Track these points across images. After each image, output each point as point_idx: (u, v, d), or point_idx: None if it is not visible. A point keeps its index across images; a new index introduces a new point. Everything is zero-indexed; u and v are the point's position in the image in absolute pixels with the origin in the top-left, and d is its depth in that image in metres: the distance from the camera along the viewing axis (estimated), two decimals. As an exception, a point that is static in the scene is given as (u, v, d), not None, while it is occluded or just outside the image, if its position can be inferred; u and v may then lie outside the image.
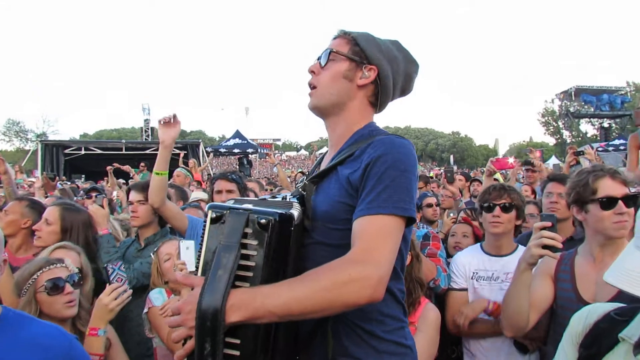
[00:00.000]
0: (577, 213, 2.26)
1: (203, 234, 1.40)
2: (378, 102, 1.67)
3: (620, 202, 2.12)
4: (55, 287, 2.15)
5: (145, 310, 2.75)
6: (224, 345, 1.24)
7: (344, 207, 1.47)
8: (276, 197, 1.68)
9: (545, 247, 2.02)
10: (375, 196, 1.38)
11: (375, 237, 1.34)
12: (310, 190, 1.58)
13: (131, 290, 2.32)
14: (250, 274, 1.31)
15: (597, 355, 1.25)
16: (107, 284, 2.26)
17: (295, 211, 1.43)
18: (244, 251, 1.30)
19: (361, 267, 1.28)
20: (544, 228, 2.05)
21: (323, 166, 1.66)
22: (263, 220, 1.29)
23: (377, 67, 1.62)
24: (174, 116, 3.01)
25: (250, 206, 1.38)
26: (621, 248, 2.17)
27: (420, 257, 2.66)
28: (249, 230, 1.31)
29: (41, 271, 2.17)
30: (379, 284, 1.29)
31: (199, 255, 1.41)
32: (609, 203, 2.13)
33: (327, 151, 1.76)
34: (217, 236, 1.33)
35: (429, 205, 4.57)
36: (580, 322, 1.35)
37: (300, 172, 12.40)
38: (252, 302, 1.22)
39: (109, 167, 9.37)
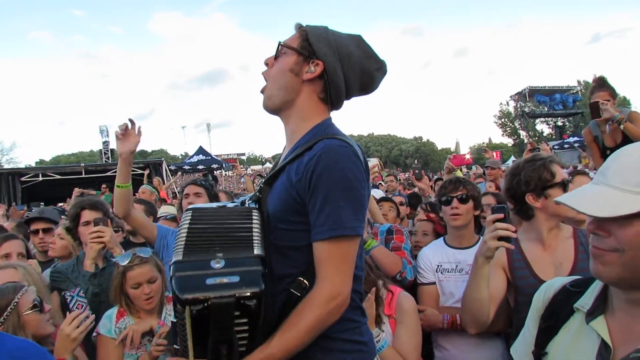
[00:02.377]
0: (533, 201, 2.27)
1: (182, 320, 1.31)
2: (329, 98, 1.65)
3: (570, 184, 2.27)
4: (40, 305, 2.15)
5: (94, 334, 2.60)
6: None
7: (292, 208, 1.51)
8: (235, 202, 1.71)
9: (500, 238, 2.06)
10: (325, 218, 1.44)
11: (334, 264, 1.46)
12: (265, 192, 1.61)
13: (93, 315, 2.25)
14: (246, 341, 1.37)
15: (555, 326, 1.29)
16: (68, 312, 2.21)
17: (257, 243, 1.44)
18: (237, 328, 1.34)
19: (334, 301, 1.44)
20: (497, 220, 2.10)
21: (280, 163, 1.68)
22: (250, 304, 1.30)
23: (323, 62, 1.60)
24: (130, 122, 2.87)
25: (224, 279, 1.30)
26: (563, 230, 2.34)
27: (371, 265, 2.65)
28: (237, 313, 1.31)
29: (20, 294, 2.11)
30: (347, 299, 1.48)
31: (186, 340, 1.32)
32: (566, 186, 2.26)
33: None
34: (202, 321, 1.29)
35: (401, 204, 4.92)
36: (540, 298, 1.40)
37: (258, 175, 12.42)
38: None
39: (76, 190, 9.27)
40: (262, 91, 1.71)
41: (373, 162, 3.83)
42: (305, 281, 1.49)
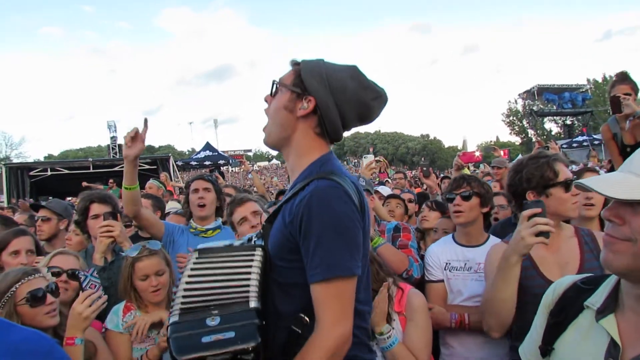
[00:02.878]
0: (534, 198, 2.21)
1: None
2: (326, 132, 1.66)
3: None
4: (36, 298, 2.12)
5: (103, 330, 2.61)
6: None
7: (287, 246, 1.54)
8: (242, 240, 1.74)
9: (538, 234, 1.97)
10: (319, 260, 1.45)
11: (332, 305, 1.46)
12: (267, 230, 1.64)
13: (106, 296, 2.25)
14: None
15: (563, 322, 1.29)
16: (80, 291, 2.21)
17: (253, 294, 1.47)
18: None
19: (334, 342, 1.44)
20: (534, 215, 2.00)
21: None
22: (250, 357, 1.33)
23: (315, 97, 1.61)
24: (145, 130, 2.94)
25: (219, 336, 1.35)
26: (564, 229, 2.30)
27: (376, 259, 2.63)
28: None
29: (20, 283, 2.12)
30: (349, 338, 1.48)
31: None
32: (569, 185, 2.22)
33: None
34: None
35: (410, 201, 4.89)
36: (550, 294, 1.39)
37: (281, 192, 12.56)
38: None
39: (84, 184, 9.36)
40: (264, 129, 1.75)
41: (369, 158, 3.85)
42: (305, 318, 1.50)
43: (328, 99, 1.60)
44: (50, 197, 19.67)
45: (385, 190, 5.46)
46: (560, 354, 1.28)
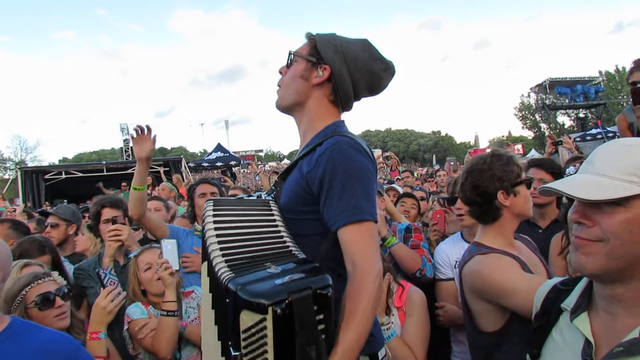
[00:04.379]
0: (504, 199, 2.07)
1: (260, 330, 1.21)
2: (339, 100, 1.74)
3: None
4: (46, 301, 2.16)
5: (126, 327, 2.65)
6: None
7: (301, 200, 1.59)
8: (252, 195, 1.79)
9: None
10: (345, 205, 1.49)
11: (366, 244, 1.49)
12: (279, 186, 1.70)
13: (124, 292, 2.33)
14: (325, 341, 1.30)
15: (545, 326, 1.30)
16: (102, 288, 2.27)
17: (295, 249, 1.48)
18: (320, 327, 1.29)
19: (378, 276, 1.46)
20: None
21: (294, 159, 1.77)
22: (328, 293, 1.29)
23: (330, 66, 1.69)
24: (147, 128, 2.99)
25: (293, 276, 1.26)
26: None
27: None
28: (316, 308, 1.26)
29: (29, 286, 2.17)
30: (380, 277, 1.48)
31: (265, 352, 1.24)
32: (531, 183, 2.15)
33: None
34: (285, 326, 1.21)
35: (422, 199, 4.88)
36: (537, 298, 1.40)
37: (274, 172, 12.59)
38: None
39: (100, 185, 9.63)
40: (277, 92, 1.83)
41: (376, 153, 3.86)
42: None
43: (342, 67, 1.69)
44: (65, 200, 20.02)
45: (399, 189, 5.45)
46: (545, 358, 1.28)
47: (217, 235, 1.45)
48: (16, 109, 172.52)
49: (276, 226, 1.55)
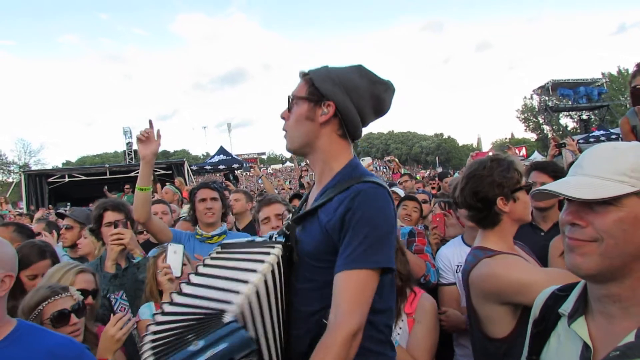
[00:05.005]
0: (503, 205, 2.06)
1: None
2: (348, 133, 1.72)
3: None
4: (61, 318, 2.17)
5: (134, 325, 2.66)
6: None
7: (325, 248, 1.59)
8: (264, 237, 1.78)
9: None
10: (351, 252, 1.50)
11: (349, 296, 1.48)
12: (293, 230, 1.69)
13: (135, 318, 2.34)
14: None
15: (544, 331, 1.31)
16: (112, 315, 2.26)
17: (266, 266, 1.51)
18: None
19: (337, 344, 1.42)
20: None
21: (310, 201, 1.76)
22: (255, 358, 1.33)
23: (333, 101, 1.66)
24: (153, 130, 3.01)
25: (214, 351, 1.29)
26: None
27: (405, 251, 2.67)
28: None
29: (47, 302, 2.17)
30: (360, 330, 1.47)
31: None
32: (530, 188, 2.14)
33: (314, 184, 1.85)
34: None
35: (424, 202, 4.88)
36: (535, 304, 1.41)
37: (295, 195, 12.67)
38: None
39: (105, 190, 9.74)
40: (285, 137, 1.80)
41: (367, 161, 3.85)
42: None
43: (345, 99, 1.66)
44: (68, 204, 20.05)
45: (401, 192, 5.44)
46: None
47: (155, 324, 1.49)
48: (20, 112, 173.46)
49: (249, 272, 1.51)
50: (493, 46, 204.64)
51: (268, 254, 1.57)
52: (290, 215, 1.86)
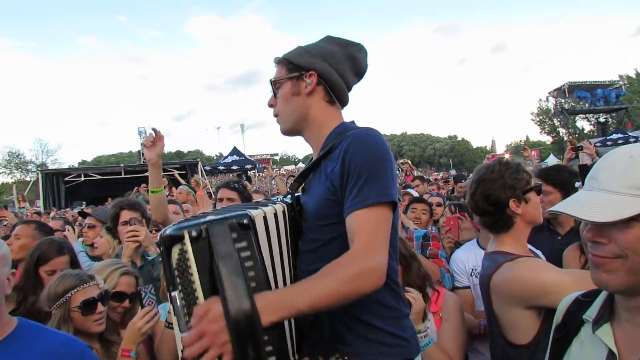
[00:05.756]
0: (516, 207, 2.05)
1: (184, 259, 1.29)
2: (335, 97, 1.74)
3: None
4: (89, 306, 2.23)
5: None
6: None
7: (330, 203, 1.58)
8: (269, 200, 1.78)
9: None
10: (358, 191, 1.48)
11: (369, 229, 1.44)
12: (294, 188, 1.74)
13: (160, 313, 2.36)
14: (253, 273, 1.31)
15: (566, 337, 1.28)
16: (140, 307, 2.29)
17: (269, 208, 1.49)
18: (242, 254, 1.30)
19: (367, 260, 1.39)
20: None
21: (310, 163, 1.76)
22: (245, 221, 1.31)
23: (314, 69, 1.70)
24: (155, 133, 3.01)
25: (213, 216, 1.33)
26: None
27: (416, 257, 2.61)
28: (235, 235, 1.30)
29: (76, 289, 2.23)
30: (384, 271, 1.42)
31: (192, 282, 1.29)
32: (540, 189, 2.13)
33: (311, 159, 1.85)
34: (205, 253, 1.27)
35: (438, 205, 4.82)
36: (559, 310, 1.38)
37: (291, 175, 12.60)
38: (282, 302, 1.26)
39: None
40: (277, 122, 1.82)
41: None
42: None
43: (324, 65, 1.70)
44: (84, 202, 20.30)
45: (415, 193, 5.40)
46: None
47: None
48: (39, 112, 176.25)
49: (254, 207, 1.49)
50: (509, 48, 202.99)
51: (269, 204, 1.56)
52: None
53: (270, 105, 1.81)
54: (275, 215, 1.52)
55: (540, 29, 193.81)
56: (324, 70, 1.70)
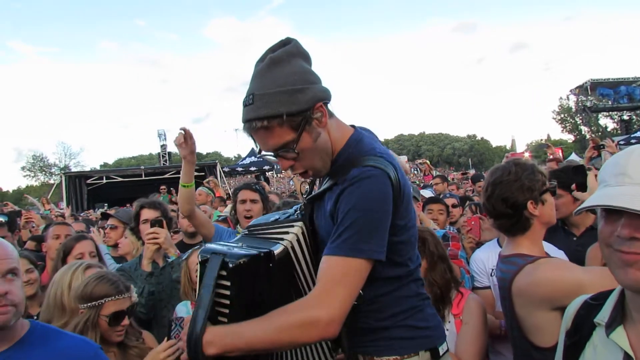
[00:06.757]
0: (533, 208, 2.03)
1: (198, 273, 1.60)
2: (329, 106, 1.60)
3: None
4: (117, 319, 2.23)
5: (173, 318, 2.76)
6: None
7: (331, 229, 1.57)
8: (288, 212, 1.81)
9: None
10: (337, 237, 1.47)
11: (331, 279, 1.45)
12: (308, 210, 1.73)
13: (182, 311, 2.40)
14: (226, 310, 1.50)
15: (579, 342, 1.25)
16: (167, 338, 2.21)
17: (283, 244, 1.59)
18: (220, 290, 1.49)
19: (312, 311, 1.41)
20: None
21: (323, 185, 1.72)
22: (231, 265, 1.46)
23: (314, 102, 1.51)
24: (185, 131, 3.09)
25: (233, 249, 1.54)
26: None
27: (446, 258, 2.58)
28: (223, 273, 1.47)
29: (110, 298, 2.22)
30: (329, 325, 1.41)
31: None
32: (555, 189, 2.12)
33: None
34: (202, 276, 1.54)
35: (454, 206, 4.76)
36: (567, 314, 1.36)
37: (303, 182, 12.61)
38: (223, 339, 1.42)
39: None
40: (311, 176, 1.70)
41: (402, 159, 3.79)
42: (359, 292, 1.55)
43: (313, 88, 1.53)
44: (105, 204, 20.64)
45: (428, 194, 5.35)
46: None
47: None
48: (62, 116, 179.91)
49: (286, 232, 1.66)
50: (528, 46, 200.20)
51: (289, 230, 1.66)
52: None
53: (289, 168, 1.62)
54: (298, 241, 1.64)
55: (560, 26, 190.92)
56: (321, 94, 1.54)
